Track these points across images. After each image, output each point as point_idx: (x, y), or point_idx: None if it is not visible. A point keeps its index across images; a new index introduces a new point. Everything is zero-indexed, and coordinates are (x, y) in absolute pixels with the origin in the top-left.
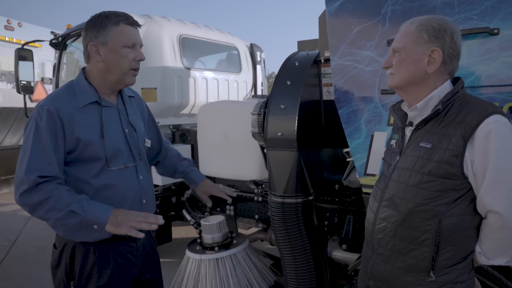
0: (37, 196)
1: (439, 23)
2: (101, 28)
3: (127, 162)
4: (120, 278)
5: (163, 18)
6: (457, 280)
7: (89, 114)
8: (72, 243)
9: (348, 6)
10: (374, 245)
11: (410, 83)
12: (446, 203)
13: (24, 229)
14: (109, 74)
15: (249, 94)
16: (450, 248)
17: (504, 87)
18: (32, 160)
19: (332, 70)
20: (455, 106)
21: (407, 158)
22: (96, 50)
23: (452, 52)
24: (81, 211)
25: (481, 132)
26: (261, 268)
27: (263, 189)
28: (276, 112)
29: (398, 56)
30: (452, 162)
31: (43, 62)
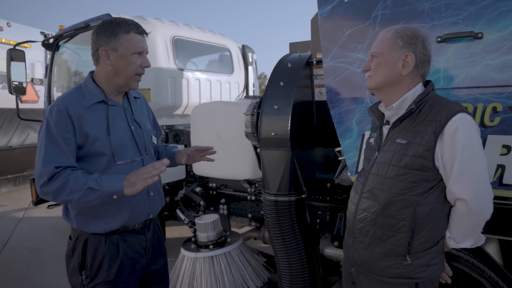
0: (56, 183)
1: (412, 31)
2: (112, 35)
3: (134, 156)
4: (129, 269)
5: (156, 20)
6: (430, 263)
7: (96, 112)
8: (85, 234)
9: (340, 9)
10: (356, 234)
11: (387, 84)
12: (420, 193)
13: (15, 230)
14: (116, 77)
15: (241, 95)
16: (423, 234)
17: (488, 88)
18: (47, 154)
19: (324, 71)
20: (427, 106)
21: (385, 154)
22: (106, 54)
23: (424, 57)
24: (97, 186)
25: (449, 129)
26: (255, 266)
27: (256, 188)
28: (270, 113)
29: (376, 60)
30: (424, 155)
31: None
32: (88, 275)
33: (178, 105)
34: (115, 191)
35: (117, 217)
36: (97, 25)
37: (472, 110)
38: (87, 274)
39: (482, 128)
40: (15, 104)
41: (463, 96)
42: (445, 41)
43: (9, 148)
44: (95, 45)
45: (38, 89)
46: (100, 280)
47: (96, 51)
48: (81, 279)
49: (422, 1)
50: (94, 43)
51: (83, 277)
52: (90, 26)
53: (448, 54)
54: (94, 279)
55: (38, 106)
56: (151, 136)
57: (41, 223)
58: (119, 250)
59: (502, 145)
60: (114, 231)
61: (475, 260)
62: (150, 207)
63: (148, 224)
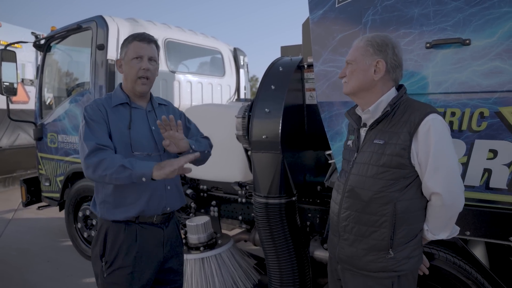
0: (95, 158)
1: (382, 39)
2: (123, 47)
3: (151, 151)
4: (146, 259)
5: (148, 22)
6: (411, 255)
7: (120, 112)
8: (106, 224)
9: (331, 14)
10: (340, 232)
11: (361, 89)
12: (399, 190)
13: (4, 232)
14: (126, 82)
15: (232, 98)
16: (404, 227)
17: (475, 94)
18: (89, 134)
19: (315, 75)
20: (401, 108)
21: (364, 154)
22: (120, 64)
23: (394, 63)
24: (129, 166)
25: (423, 128)
26: (246, 268)
27: (247, 190)
28: (261, 116)
29: (350, 67)
30: (401, 154)
31: (24, 63)
32: (107, 261)
33: None
34: (145, 173)
35: (134, 205)
36: None
37: (459, 115)
38: (106, 260)
39: (469, 133)
40: (6, 105)
41: (451, 101)
42: (434, 47)
43: None
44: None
45: (28, 90)
46: (117, 266)
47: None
48: (101, 265)
49: (412, 8)
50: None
51: (103, 264)
52: (82, 28)
53: (436, 60)
54: (112, 265)
55: (28, 107)
56: None
57: (31, 225)
58: (137, 239)
59: (488, 150)
60: (133, 221)
61: (462, 262)
62: (166, 200)
63: (167, 219)
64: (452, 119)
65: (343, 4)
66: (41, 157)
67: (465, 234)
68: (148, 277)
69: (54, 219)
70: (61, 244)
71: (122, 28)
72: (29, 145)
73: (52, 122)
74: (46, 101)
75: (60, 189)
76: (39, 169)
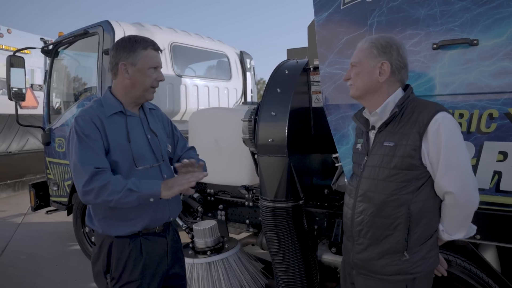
0: (97, 183)
1: (386, 40)
2: (131, 51)
3: (152, 162)
4: (152, 271)
5: (154, 26)
6: (426, 256)
7: (116, 122)
8: (109, 239)
9: (336, 16)
10: (354, 237)
11: (367, 91)
12: (412, 191)
13: (14, 236)
14: (133, 89)
15: (239, 101)
16: (418, 229)
17: (484, 95)
18: (84, 157)
19: (321, 78)
20: (408, 108)
21: (374, 157)
22: (125, 68)
23: (399, 64)
24: (136, 188)
25: (432, 127)
26: (253, 272)
27: (254, 194)
28: (267, 119)
29: (355, 69)
30: (412, 155)
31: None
32: (114, 277)
33: (176, 111)
34: (153, 194)
35: (139, 219)
36: (116, 41)
37: (468, 117)
38: (112, 277)
39: (478, 134)
40: (15, 110)
41: (459, 103)
42: (441, 47)
43: (9, 154)
44: (114, 60)
45: (37, 95)
46: (124, 281)
47: (115, 65)
48: (106, 282)
49: (418, 8)
50: (113, 58)
51: (108, 280)
52: (89, 33)
53: (443, 61)
54: (118, 280)
55: (37, 112)
56: (166, 144)
57: (40, 229)
58: (142, 252)
59: (498, 152)
60: (137, 234)
61: (473, 266)
62: (170, 210)
63: (168, 226)
64: (460, 121)
65: (348, 6)
66: (49, 162)
67: (475, 238)
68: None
69: (63, 224)
70: (69, 249)
71: (128, 32)
72: (38, 150)
73: (60, 127)
74: (54, 106)
75: (68, 193)
76: (48, 173)
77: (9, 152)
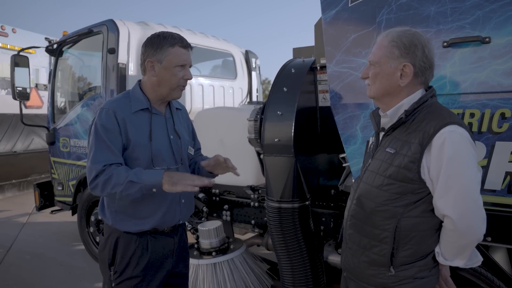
0: (101, 178)
1: (410, 38)
2: (158, 48)
3: (170, 164)
4: (156, 269)
5: (159, 25)
6: (417, 276)
7: (141, 119)
8: (117, 232)
9: (344, 14)
10: (346, 240)
11: (385, 94)
12: (404, 205)
13: (19, 235)
14: (160, 87)
15: (244, 101)
16: (409, 246)
17: (496, 94)
18: (96, 154)
19: (328, 77)
20: (421, 114)
21: (375, 162)
22: (152, 66)
23: (424, 65)
24: (137, 180)
25: (437, 141)
26: (258, 273)
27: (259, 194)
28: (273, 119)
29: (373, 69)
30: (409, 167)
31: (38, 68)
32: (117, 271)
33: None
34: (154, 184)
35: (149, 219)
36: (147, 38)
37: (479, 116)
38: (115, 270)
39: (489, 134)
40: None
41: (470, 102)
42: (452, 45)
43: (14, 153)
44: (143, 57)
45: (42, 95)
46: (126, 276)
47: (143, 62)
48: (109, 274)
49: (428, 5)
50: (142, 54)
51: (111, 273)
52: (93, 32)
53: (454, 59)
54: (121, 275)
55: (42, 112)
56: (187, 147)
57: (45, 228)
58: (149, 250)
59: (511, 152)
60: (145, 232)
61: (483, 269)
62: (181, 213)
63: (178, 227)
64: (471, 121)
65: (356, 3)
66: (53, 162)
67: (486, 240)
68: (156, 285)
69: (67, 223)
70: (73, 248)
71: (132, 31)
72: (43, 149)
73: (64, 127)
74: (58, 105)
75: (72, 193)
76: (52, 173)
77: (14, 151)
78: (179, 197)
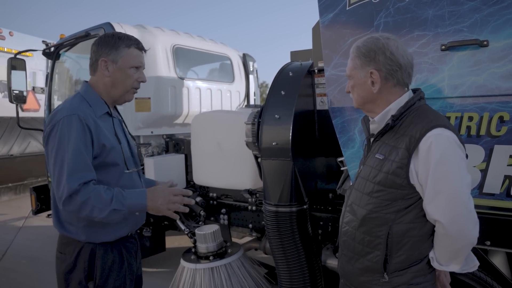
0: (78, 199)
1: (368, 46)
2: (113, 48)
3: (135, 166)
4: (129, 274)
5: (156, 28)
6: (412, 282)
7: (105, 123)
8: (89, 246)
9: (342, 17)
10: (340, 246)
11: (365, 103)
12: (396, 211)
13: (15, 239)
14: (113, 89)
15: (242, 104)
16: (402, 252)
17: (494, 97)
18: (71, 168)
19: (326, 80)
20: (409, 118)
21: (366, 168)
22: (105, 65)
23: (391, 68)
24: (122, 207)
25: (424, 145)
26: (256, 277)
27: (257, 198)
28: (271, 122)
29: (350, 82)
30: (397, 173)
31: (35, 72)
32: (99, 285)
33: (179, 114)
34: (139, 209)
35: (125, 224)
36: (99, 36)
37: (478, 120)
38: (97, 284)
39: (488, 138)
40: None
41: (468, 105)
42: (450, 49)
43: (10, 157)
44: (95, 55)
45: (39, 98)
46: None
47: (95, 61)
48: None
49: (426, 9)
50: (95, 53)
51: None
52: (91, 35)
53: (452, 63)
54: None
55: (39, 115)
56: None
57: (41, 232)
58: (123, 256)
59: (509, 155)
60: (117, 240)
61: (482, 273)
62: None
63: None
64: (469, 124)
65: (354, 6)
66: None
67: (485, 244)
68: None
69: None
70: None
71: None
72: (40, 153)
73: None
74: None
75: None
76: (48, 177)
77: (11, 155)
78: None
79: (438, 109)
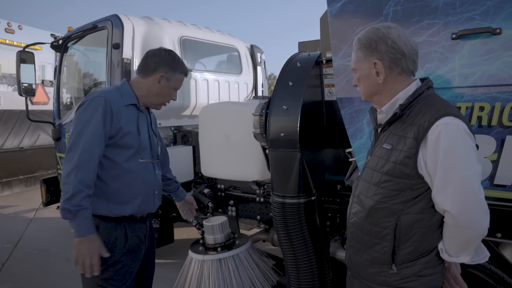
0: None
1: (369, 36)
2: (173, 69)
3: (150, 158)
4: (134, 254)
5: (164, 20)
6: (421, 273)
7: (130, 112)
8: (95, 220)
9: (350, 7)
10: (348, 238)
11: (372, 94)
12: (404, 202)
13: (26, 231)
14: (154, 98)
15: (249, 95)
16: (410, 243)
17: (506, 87)
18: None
19: (334, 70)
20: (417, 107)
21: (373, 158)
22: (160, 79)
23: (394, 56)
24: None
25: (432, 134)
26: (264, 269)
27: (265, 189)
28: (278, 113)
29: (356, 75)
30: (405, 163)
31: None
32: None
33: (186, 106)
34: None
35: (129, 205)
36: (165, 50)
37: (489, 110)
38: None
39: (500, 128)
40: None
41: (479, 95)
42: (461, 37)
43: (21, 149)
44: (154, 65)
45: (48, 91)
46: (112, 261)
47: (153, 70)
48: None
49: None
50: (155, 63)
51: None
52: (98, 27)
53: (463, 51)
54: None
55: (48, 108)
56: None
57: (51, 224)
58: (127, 236)
59: None
60: (121, 219)
61: (493, 266)
62: (154, 203)
63: (148, 215)
64: (480, 114)
65: None
66: (59, 157)
67: (495, 236)
68: (135, 271)
69: None
70: None
71: (137, 27)
72: (50, 145)
73: (69, 123)
74: (64, 101)
75: None
76: (58, 169)
77: (21, 147)
78: (153, 189)
79: (448, 99)
